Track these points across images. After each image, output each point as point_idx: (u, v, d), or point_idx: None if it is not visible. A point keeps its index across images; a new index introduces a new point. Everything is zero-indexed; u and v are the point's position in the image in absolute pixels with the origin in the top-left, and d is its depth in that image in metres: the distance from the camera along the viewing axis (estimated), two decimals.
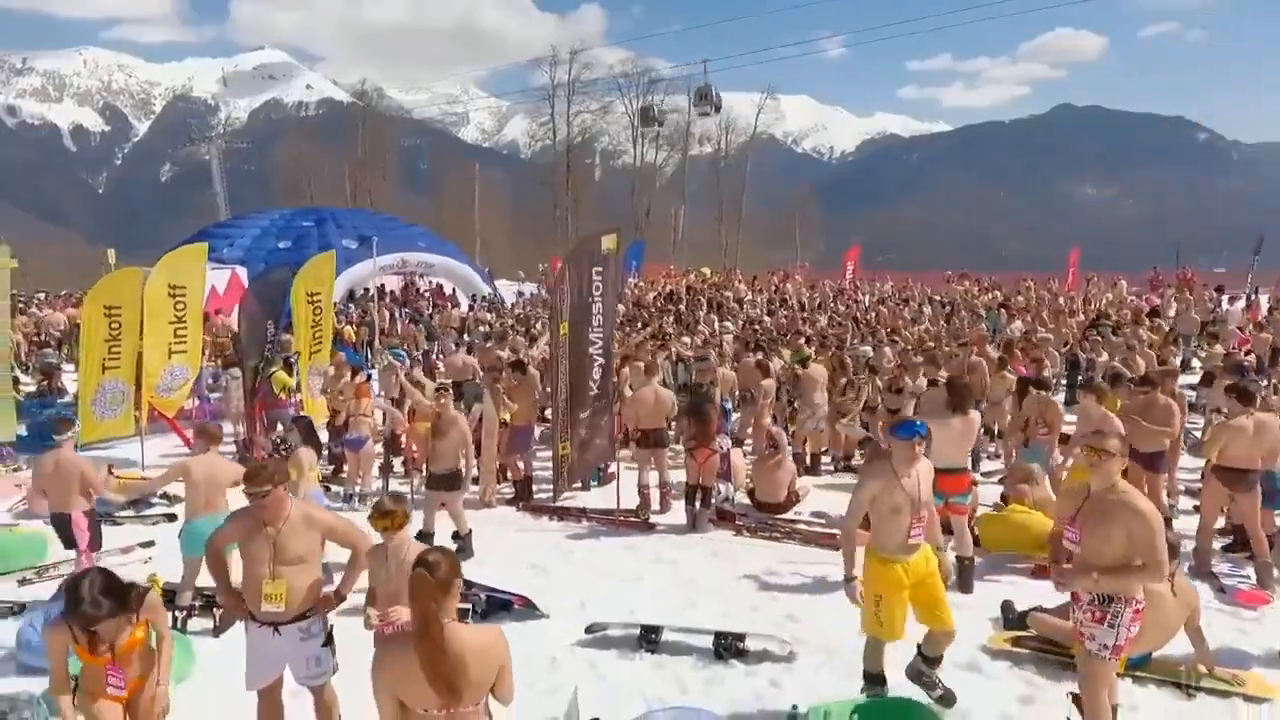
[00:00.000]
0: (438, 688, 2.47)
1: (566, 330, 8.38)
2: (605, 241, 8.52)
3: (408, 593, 2.60)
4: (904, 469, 4.14)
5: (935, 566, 4.28)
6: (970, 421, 5.82)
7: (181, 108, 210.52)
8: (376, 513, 3.75)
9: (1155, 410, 7.09)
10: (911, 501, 4.10)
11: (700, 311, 20.64)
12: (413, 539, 3.90)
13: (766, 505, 7.84)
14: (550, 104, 60.15)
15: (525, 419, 8.74)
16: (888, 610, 4.14)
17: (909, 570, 4.14)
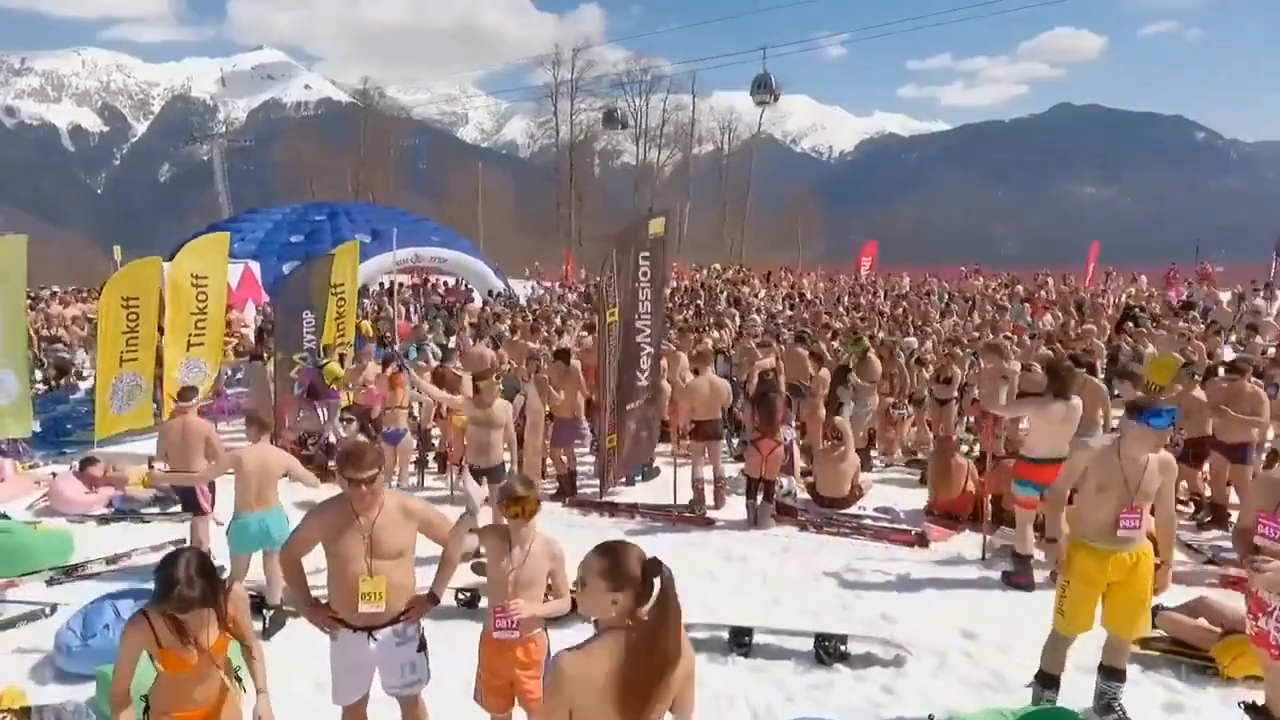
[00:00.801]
0: (634, 702, 2.10)
1: (616, 317, 8.00)
2: (652, 226, 8.15)
3: (631, 592, 2.19)
4: (1133, 449, 3.75)
5: (1146, 569, 3.81)
6: (1073, 408, 5.46)
7: (180, 108, 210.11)
8: (506, 498, 3.33)
9: (1243, 399, 6.77)
10: (1127, 486, 3.72)
11: (719, 306, 20.30)
12: (541, 531, 3.49)
13: (828, 500, 7.47)
14: (553, 103, 60.23)
15: (570, 411, 8.37)
16: (1071, 600, 3.78)
17: (1109, 563, 3.73)
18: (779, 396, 7.10)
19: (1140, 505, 3.74)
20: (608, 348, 8.00)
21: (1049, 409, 5.35)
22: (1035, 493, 5.46)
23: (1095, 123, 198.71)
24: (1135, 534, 3.74)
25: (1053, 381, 5.38)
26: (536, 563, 3.35)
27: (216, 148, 63.13)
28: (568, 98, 60.27)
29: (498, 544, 3.39)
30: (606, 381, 8.03)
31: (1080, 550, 3.80)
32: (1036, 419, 5.39)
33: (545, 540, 3.44)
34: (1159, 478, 3.79)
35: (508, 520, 3.38)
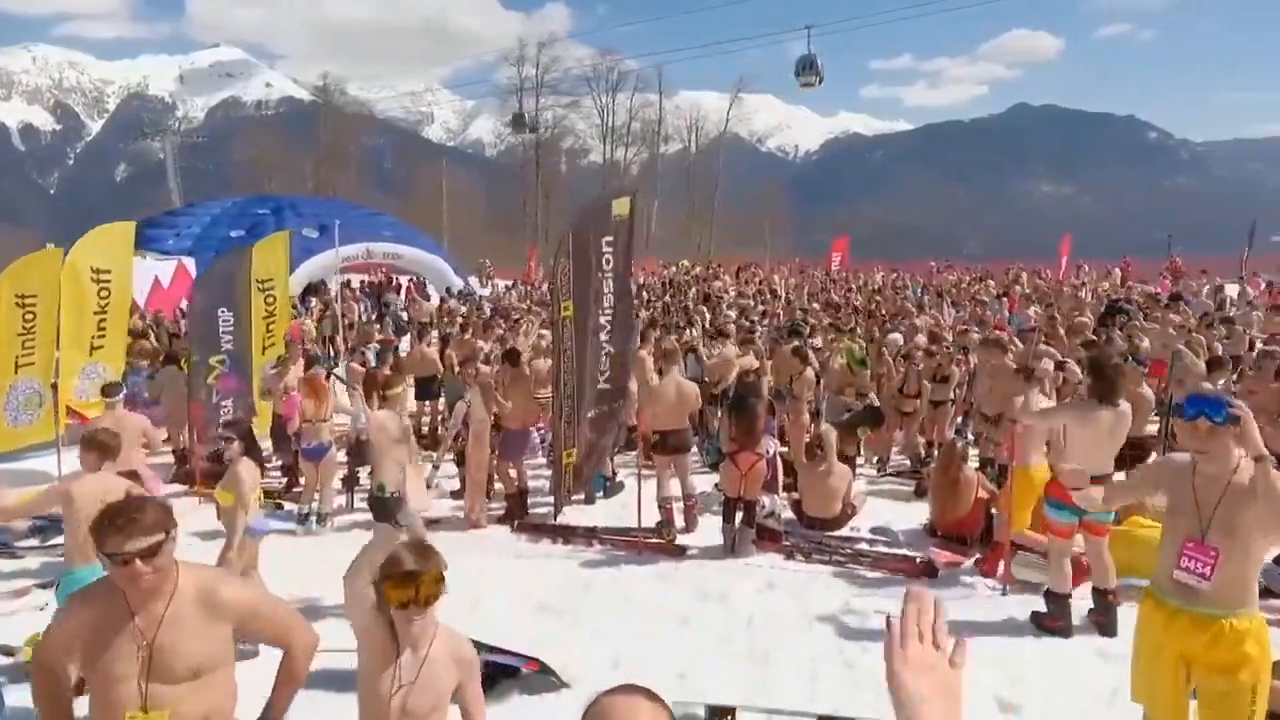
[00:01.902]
0: None
1: (570, 311, 6.94)
2: (616, 206, 7.10)
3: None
4: (1209, 466, 2.77)
5: (1247, 650, 2.74)
6: (1122, 415, 4.52)
7: (136, 106, 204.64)
8: (389, 576, 2.17)
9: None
10: (1198, 511, 2.75)
11: (688, 303, 19.33)
12: (444, 626, 2.35)
13: (817, 520, 6.49)
14: (518, 100, 59.48)
15: (520, 420, 7.29)
16: (1138, 667, 2.89)
17: (1177, 625, 2.76)
18: (759, 403, 6.08)
19: (1218, 543, 2.73)
20: (562, 347, 6.94)
21: (1093, 417, 4.42)
22: (1073, 518, 4.52)
23: (1052, 122, 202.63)
24: (1201, 584, 2.74)
25: (1097, 383, 4.43)
26: (435, 677, 2.25)
27: (168, 143, 61.26)
28: (534, 95, 59.58)
29: (377, 649, 2.25)
30: (561, 386, 6.97)
31: (1146, 600, 2.91)
32: (1077, 428, 4.44)
33: (450, 640, 2.33)
34: (1252, 505, 2.71)
35: (393, 612, 2.22)
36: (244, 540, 4.90)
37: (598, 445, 7.34)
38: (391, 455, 5.43)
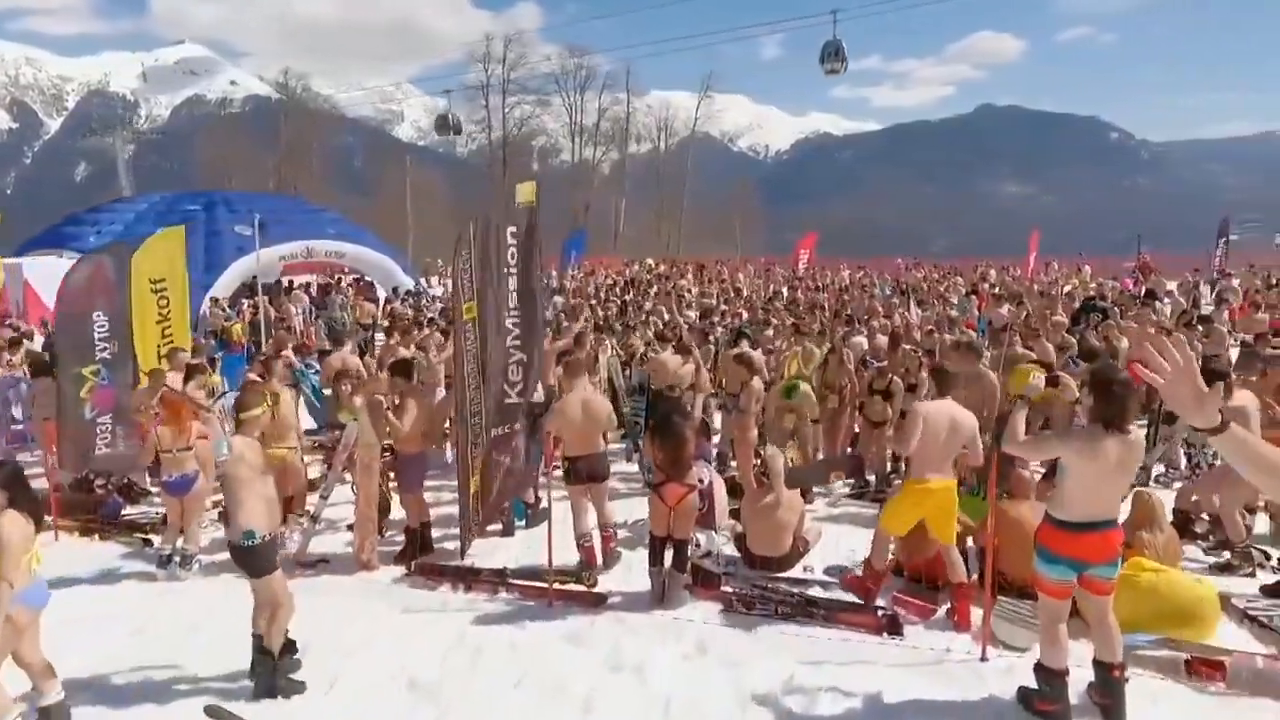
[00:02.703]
0: None
1: (474, 313, 5.89)
2: (520, 192, 6.09)
3: None
4: None
5: None
6: (1134, 445, 3.56)
7: (97, 103, 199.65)
8: None
9: None
10: None
11: (649, 302, 18.31)
12: None
13: (763, 559, 5.50)
14: (484, 98, 58.54)
15: (417, 443, 6.20)
16: None
17: None
18: (686, 423, 5.04)
19: None
20: (465, 356, 5.88)
21: (1099, 448, 3.46)
22: (1070, 574, 3.57)
23: (1016, 123, 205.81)
24: None
25: (1103, 404, 3.47)
26: None
27: (119, 140, 59.36)
28: (500, 93, 58.69)
29: None
30: (465, 401, 5.91)
31: None
32: (1078, 462, 3.49)
33: None
34: None
35: None
36: (17, 612, 3.81)
37: (512, 468, 6.29)
38: (256, 491, 4.36)
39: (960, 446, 4.85)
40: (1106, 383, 3.49)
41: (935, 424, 4.73)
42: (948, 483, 4.87)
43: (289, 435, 6.54)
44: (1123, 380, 3.47)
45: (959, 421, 4.80)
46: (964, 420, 4.81)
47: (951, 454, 4.87)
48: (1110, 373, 3.53)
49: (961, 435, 4.80)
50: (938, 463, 4.79)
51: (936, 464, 4.78)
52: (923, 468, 4.82)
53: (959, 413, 4.85)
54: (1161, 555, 4.72)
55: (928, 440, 4.72)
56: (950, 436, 4.78)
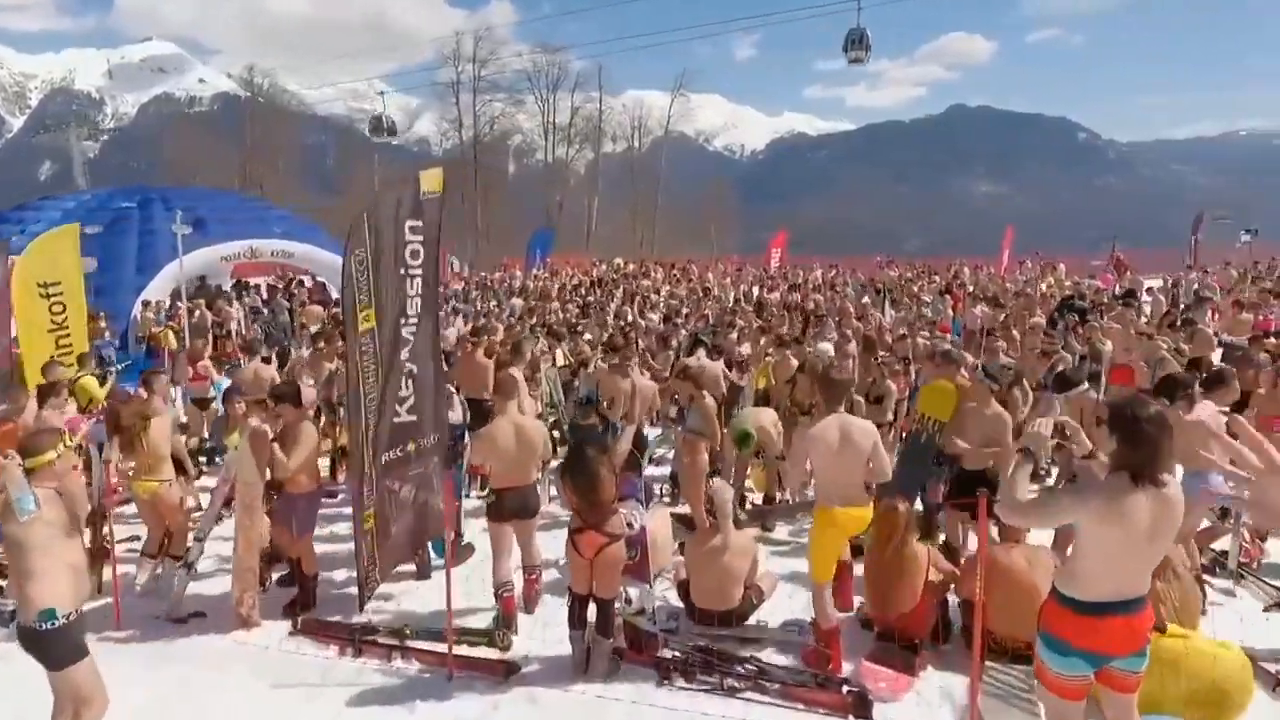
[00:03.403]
0: None
1: (372, 322, 4.99)
2: (425, 180, 5.16)
3: None
4: None
5: None
6: (1171, 502, 2.70)
7: (62, 101, 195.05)
8: None
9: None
10: None
11: (613, 304, 17.40)
12: None
13: (710, 614, 4.64)
14: (454, 96, 57.75)
15: (307, 481, 5.25)
16: None
17: None
18: (601, 459, 4.14)
19: None
20: (360, 370, 4.97)
21: (1125, 507, 2.62)
22: (1087, 669, 2.74)
23: (987, 123, 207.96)
24: None
25: (1128, 448, 2.63)
26: None
27: (74, 136, 57.87)
28: (471, 92, 57.89)
29: None
30: (362, 424, 5.00)
31: None
32: (1098, 528, 2.66)
33: None
34: None
35: None
36: None
37: (414, 501, 5.38)
38: (56, 558, 3.40)
39: (864, 464, 4.31)
40: (1132, 420, 2.64)
41: (824, 440, 4.29)
42: (858, 511, 4.35)
43: (162, 466, 5.57)
44: (1153, 416, 2.64)
45: (853, 438, 4.27)
46: (860, 435, 4.32)
47: (856, 474, 4.34)
48: (1136, 407, 2.68)
49: (860, 452, 4.27)
50: (842, 488, 4.33)
51: (841, 489, 4.33)
52: (827, 496, 4.37)
53: (854, 427, 4.36)
54: (1179, 611, 3.93)
55: (823, 466, 4.32)
56: (848, 456, 4.26)
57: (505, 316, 15.65)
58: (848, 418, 4.48)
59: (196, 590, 5.47)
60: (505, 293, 21.20)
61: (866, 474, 4.39)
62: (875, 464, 4.36)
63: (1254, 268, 21.99)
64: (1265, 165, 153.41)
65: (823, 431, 4.35)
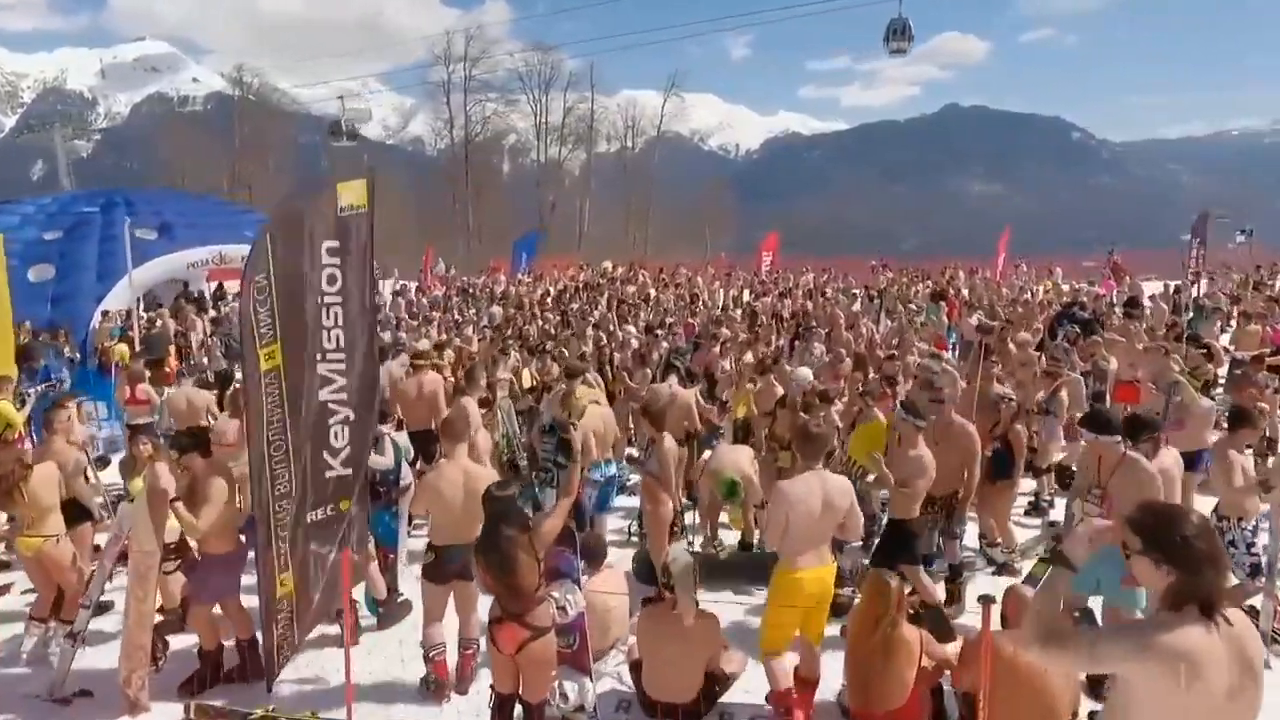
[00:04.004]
0: None
1: (278, 360, 4.32)
2: (345, 192, 4.48)
3: None
4: None
5: None
6: (1243, 641, 1.93)
7: (54, 101, 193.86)
8: None
9: None
10: None
11: (597, 311, 16.64)
12: None
13: (665, 707, 3.97)
14: (445, 95, 57.41)
15: (223, 542, 4.55)
16: None
17: None
18: (520, 541, 3.35)
19: None
20: (263, 417, 4.30)
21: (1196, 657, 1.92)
22: None
23: (982, 123, 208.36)
24: None
25: (1184, 576, 1.85)
26: None
27: (58, 136, 57.61)
28: (464, 92, 57.48)
29: None
30: (264, 476, 4.33)
31: None
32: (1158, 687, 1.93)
33: None
34: None
35: None
36: None
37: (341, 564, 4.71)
38: None
39: (836, 522, 3.98)
40: (1179, 542, 1.91)
41: (806, 504, 3.92)
42: (820, 571, 4.03)
43: (47, 519, 4.88)
44: (1200, 528, 1.94)
45: (831, 496, 3.98)
46: (838, 495, 3.99)
47: (826, 533, 3.99)
48: (1174, 523, 1.94)
49: (837, 512, 3.99)
50: (811, 546, 3.99)
51: (809, 548, 3.99)
52: (792, 554, 3.98)
53: (831, 485, 4.01)
54: None
55: (798, 523, 3.94)
56: (824, 514, 3.97)
57: (482, 326, 14.97)
58: (827, 476, 4.02)
59: (86, 664, 4.80)
60: (486, 299, 20.49)
61: (838, 531, 4.07)
62: (849, 523, 4.04)
63: (1256, 272, 21.41)
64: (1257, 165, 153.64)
65: (804, 494, 3.93)
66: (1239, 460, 5.01)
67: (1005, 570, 6.01)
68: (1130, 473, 4.18)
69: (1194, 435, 6.62)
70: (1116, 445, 4.13)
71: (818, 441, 4.05)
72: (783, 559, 4.05)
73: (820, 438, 4.07)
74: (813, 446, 4.03)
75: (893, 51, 23.97)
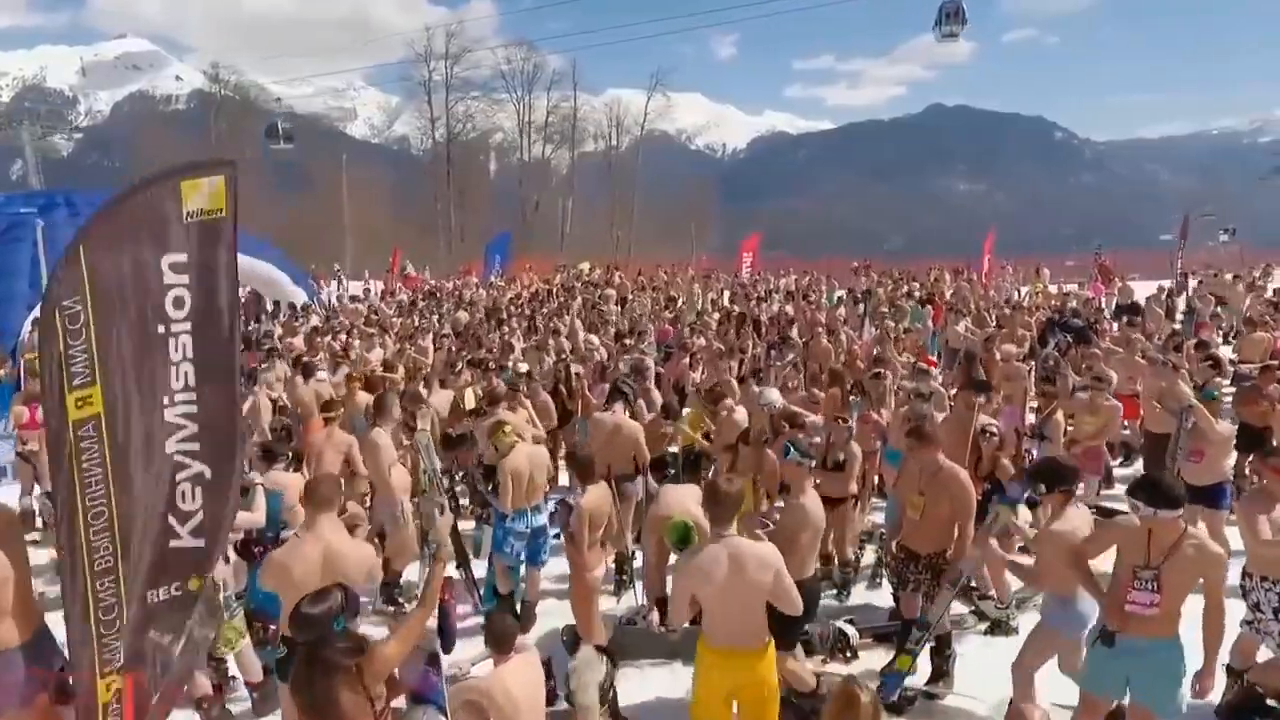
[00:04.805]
0: None
1: (97, 406, 3.45)
2: (189, 192, 3.61)
3: None
4: None
5: None
6: None
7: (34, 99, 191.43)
8: None
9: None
10: None
11: (568, 317, 15.74)
12: None
13: None
14: (426, 93, 56.75)
15: (22, 626, 3.67)
16: None
17: None
18: (344, 676, 2.51)
19: None
20: (76, 475, 3.43)
21: None
22: None
23: (965, 122, 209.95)
24: None
25: None
26: None
27: (26, 134, 56.31)
28: (454, 91, 56.93)
29: None
30: (81, 550, 3.47)
31: None
32: None
33: None
34: None
35: None
36: None
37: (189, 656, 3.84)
38: None
39: (760, 596, 3.29)
40: None
41: (710, 578, 3.30)
42: (746, 655, 3.38)
43: None
44: None
45: (746, 570, 3.31)
46: (756, 567, 3.32)
47: (751, 613, 3.40)
48: None
49: (756, 587, 3.32)
50: (730, 629, 3.39)
51: (728, 630, 3.39)
52: (712, 632, 3.44)
53: (746, 554, 3.34)
54: None
55: (708, 601, 3.37)
56: (740, 592, 3.33)
57: (441, 335, 14.08)
58: (741, 545, 3.34)
59: None
60: (453, 303, 19.58)
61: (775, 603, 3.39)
62: (779, 598, 3.35)
63: (1247, 274, 20.85)
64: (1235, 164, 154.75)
65: (708, 566, 3.31)
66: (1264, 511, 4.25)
67: (999, 629, 5.24)
68: (1195, 555, 3.35)
69: (1214, 466, 5.88)
70: (1178, 521, 3.30)
71: (726, 503, 3.35)
72: (703, 633, 3.46)
73: (729, 498, 3.36)
74: (721, 509, 3.35)
75: (945, 36, 23.08)
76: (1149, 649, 3.31)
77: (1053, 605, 3.92)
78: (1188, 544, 3.27)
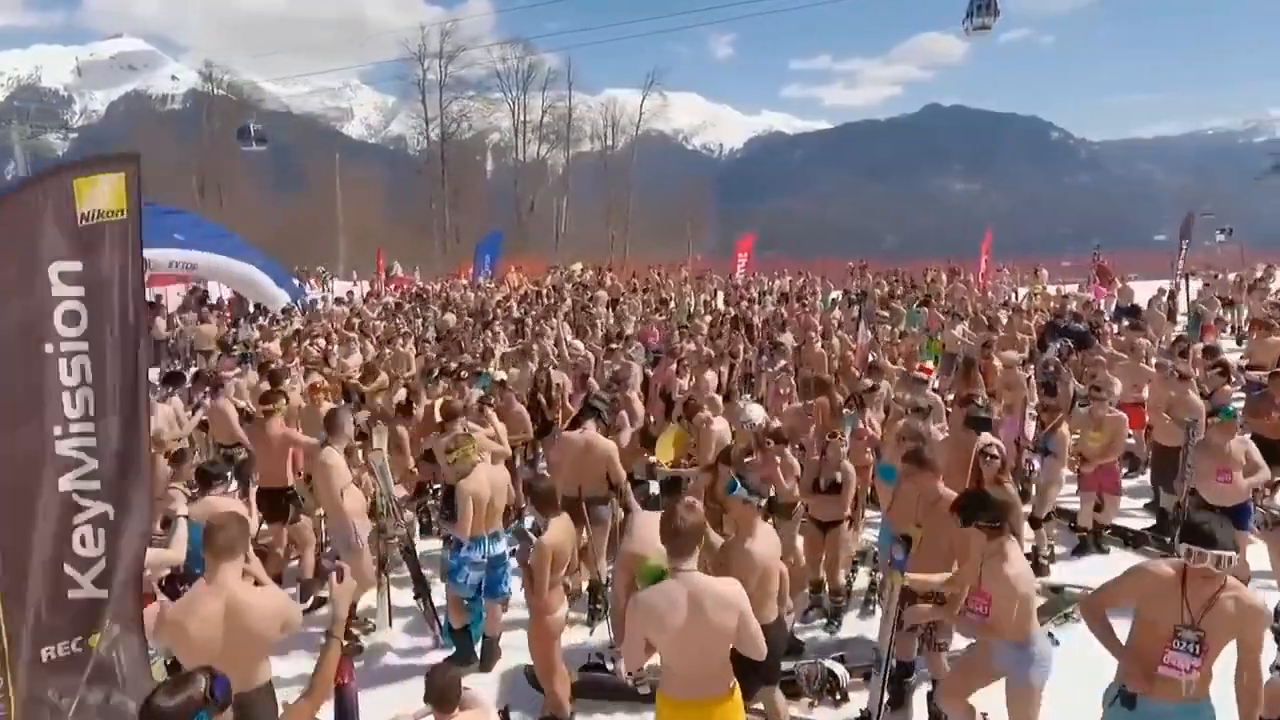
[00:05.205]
0: None
1: None
2: (90, 196, 3.20)
3: None
4: None
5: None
6: None
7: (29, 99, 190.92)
8: None
9: None
10: None
11: (556, 320, 15.29)
12: None
13: None
14: (420, 92, 56.41)
15: None
16: None
17: None
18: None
19: None
20: None
21: None
22: None
23: (962, 122, 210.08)
24: None
25: None
26: None
27: (16, 134, 56.16)
28: (449, 90, 56.78)
29: None
30: None
31: None
32: None
33: None
34: None
35: None
36: None
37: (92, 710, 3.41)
38: None
39: (723, 639, 3.01)
40: None
41: (665, 620, 2.96)
42: (711, 702, 3.05)
43: None
44: None
45: (706, 611, 2.96)
46: (716, 607, 2.97)
47: (712, 656, 3.05)
48: None
49: (718, 630, 2.98)
50: (689, 673, 3.06)
51: (687, 675, 3.07)
52: (668, 680, 3.14)
53: (705, 592, 3.00)
54: None
55: (667, 643, 3.02)
56: (700, 634, 2.98)
57: (423, 339, 13.66)
58: (701, 582, 3.01)
59: None
60: (440, 305, 19.13)
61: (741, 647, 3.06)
62: (743, 640, 3.05)
63: (1249, 274, 20.46)
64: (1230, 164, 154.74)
65: (664, 608, 2.96)
66: None
67: None
68: (1234, 611, 2.93)
69: (1240, 485, 5.48)
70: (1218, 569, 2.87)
71: (685, 533, 2.99)
72: (661, 682, 3.13)
73: (687, 532, 3.00)
74: (680, 540, 2.99)
75: (976, 29, 22.45)
76: (1177, 714, 2.90)
77: (1004, 646, 3.51)
78: (1226, 597, 2.85)
